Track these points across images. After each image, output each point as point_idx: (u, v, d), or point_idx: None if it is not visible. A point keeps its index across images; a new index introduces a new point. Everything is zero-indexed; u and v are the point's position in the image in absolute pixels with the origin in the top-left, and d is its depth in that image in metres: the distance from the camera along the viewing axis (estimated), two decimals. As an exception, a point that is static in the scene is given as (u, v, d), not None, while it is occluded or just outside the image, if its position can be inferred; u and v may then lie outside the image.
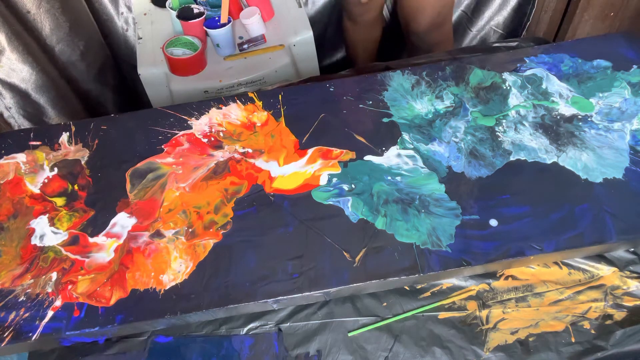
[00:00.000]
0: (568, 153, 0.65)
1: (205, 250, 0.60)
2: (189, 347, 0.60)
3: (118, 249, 0.61)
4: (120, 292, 0.57)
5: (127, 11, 1.23)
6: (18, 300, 0.58)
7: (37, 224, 0.64)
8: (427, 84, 0.75)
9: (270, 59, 1.11)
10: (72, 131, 0.73)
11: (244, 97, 0.75)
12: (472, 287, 0.62)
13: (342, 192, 0.64)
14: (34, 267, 0.60)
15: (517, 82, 0.74)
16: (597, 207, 0.60)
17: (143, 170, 0.68)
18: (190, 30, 1.08)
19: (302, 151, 0.68)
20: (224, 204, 0.64)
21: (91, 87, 1.22)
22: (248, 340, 0.60)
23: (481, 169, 0.65)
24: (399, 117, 0.71)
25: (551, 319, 0.59)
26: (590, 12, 1.15)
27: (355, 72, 0.85)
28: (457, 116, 0.71)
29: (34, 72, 1.02)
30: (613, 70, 0.74)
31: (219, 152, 0.69)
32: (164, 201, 0.65)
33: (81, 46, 1.13)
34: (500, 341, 0.58)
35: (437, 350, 0.58)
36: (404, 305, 0.61)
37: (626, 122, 0.68)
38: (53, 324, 0.56)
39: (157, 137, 0.72)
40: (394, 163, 0.66)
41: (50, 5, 1.03)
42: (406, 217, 0.61)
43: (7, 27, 0.94)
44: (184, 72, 1.08)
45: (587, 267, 0.63)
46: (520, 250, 0.57)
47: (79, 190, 0.67)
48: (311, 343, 0.59)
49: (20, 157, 0.71)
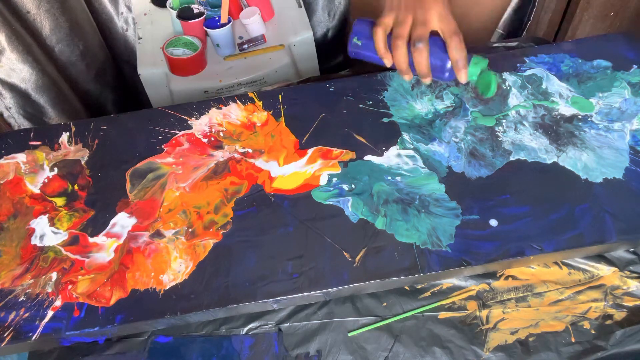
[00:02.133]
0: (568, 153, 0.65)
1: (205, 250, 0.60)
2: (189, 347, 0.60)
3: (118, 249, 0.61)
4: (120, 292, 0.57)
5: (127, 11, 1.23)
6: (18, 300, 0.58)
7: (37, 224, 0.64)
8: (427, 84, 0.75)
9: (270, 59, 1.11)
10: (72, 131, 0.73)
11: (244, 97, 0.75)
12: (472, 287, 0.62)
13: (342, 192, 0.64)
14: (34, 267, 0.60)
15: (517, 82, 0.74)
16: (597, 207, 0.60)
17: (143, 170, 0.68)
18: (190, 30, 1.08)
19: (302, 151, 0.68)
20: (224, 204, 0.64)
21: (91, 87, 1.22)
22: (248, 340, 0.60)
23: (481, 169, 0.65)
24: (399, 117, 0.71)
25: (551, 319, 0.59)
26: (590, 12, 1.15)
27: (355, 72, 0.85)
28: (457, 116, 0.71)
29: (34, 72, 1.02)
30: (613, 70, 0.74)
31: (219, 152, 0.69)
32: (164, 201, 0.65)
33: (81, 46, 1.13)
34: (500, 341, 0.58)
35: (437, 350, 0.58)
36: (404, 305, 0.61)
37: (626, 122, 0.68)
38: (53, 324, 0.56)
39: (157, 137, 0.72)
40: (394, 163, 0.66)
41: (50, 5, 1.03)
42: (406, 217, 0.61)
43: (7, 27, 0.94)
44: (184, 72, 1.08)
45: (587, 267, 0.63)
46: (520, 250, 0.57)
47: (79, 190, 0.67)
48: (311, 343, 0.59)
49: (20, 157, 0.71)
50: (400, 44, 0.60)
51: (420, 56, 0.60)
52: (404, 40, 0.60)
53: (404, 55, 0.61)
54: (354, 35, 0.65)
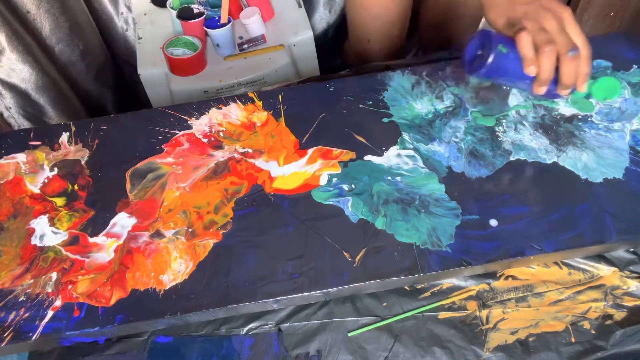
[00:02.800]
0: (568, 153, 0.65)
1: (205, 250, 0.60)
2: (189, 347, 0.60)
3: (118, 249, 0.61)
4: (120, 292, 0.57)
5: (127, 11, 1.23)
6: (18, 300, 0.58)
7: (37, 224, 0.64)
8: (427, 84, 0.75)
9: (270, 59, 1.11)
10: (72, 131, 0.73)
11: (244, 97, 0.75)
12: (472, 287, 0.62)
13: (342, 192, 0.64)
14: (34, 267, 0.60)
15: (517, 82, 0.74)
16: (597, 207, 0.60)
17: (143, 170, 0.68)
18: (190, 30, 1.08)
19: (302, 151, 0.68)
20: (224, 204, 0.64)
21: (91, 87, 1.21)
22: (248, 340, 0.60)
23: (481, 169, 0.65)
24: (399, 117, 0.71)
25: (551, 319, 0.59)
26: (590, 12, 1.15)
27: (355, 72, 0.85)
28: (457, 116, 0.71)
29: (34, 72, 1.02)
30: (613, 70, 0.74)
31: (219, 152, 0.69)
32: (164, 201, 0.65)
33: (81, 46, 1.13)
34: (500, 341, 0.58)
35: (437, 350, 0.58)
36: (404, 305, 0.61)
37: (626, 122, 0.68)
38: (53, 324, 0.56)
39: (157, 137, 0.72)
40: (394, 163, 0.66)
41: (50, 5, 1.02)
42: (406, 217, 0.61)
43: (7, 27, 0.94)
44: (184, 72, 1.08)
45: (587, 267, 0.63)
46: (520, 250, 0.57)
47: (79, 190, 0.67)
48: (311, 343, 0.59)
49: (20, 157, 0.71)
50: (552, 51, 0.55)
51: (572, 65, 0.56)
52: (555, 47, 0.55)
53: (553, 64, 0.56)
54: (498, 43, 0.57)
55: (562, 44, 0.55)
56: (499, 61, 0.58)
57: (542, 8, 0.57)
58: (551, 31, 0.56)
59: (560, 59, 0.56)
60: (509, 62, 0.58)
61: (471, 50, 0.61)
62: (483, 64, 0.58)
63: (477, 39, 0.60)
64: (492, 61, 0.57)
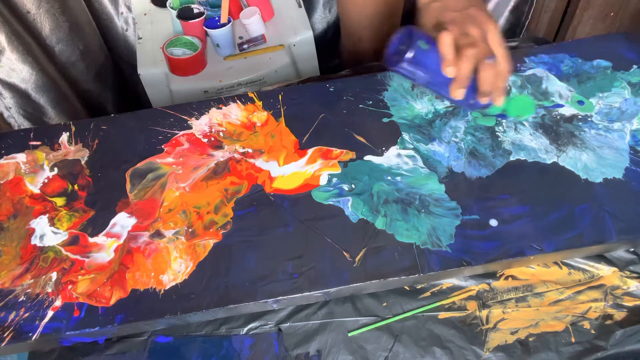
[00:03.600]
0: (568, 153, 0.65)
1: (205, 250, 0.60)
2: (189, 347, 0.60)
3: (118, 249, 0.61)
4: (120, 292, 0.57)
5: (127, 11, 1.23)
6: (18, 300, 0.58)
7: (37, 224, 0.64)
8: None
9: (270, 59, 1.11)
10: (72, 131, 0.73)
11: (244, 97, 0.75)
12: (472, 287, 0.62)
13: (342, 192, 0.64)
14: (34, 267, 0.60)
15: (517, 82, 0.74)
16: (597, 207, 0.60)
17: (143, 170, 0.68)
18: (190, 30, 1.08)
19: (302, 151, 0.68)
20: (224, 204, 0.64)
21: (91, 87, 1.21)
22: (248, 340, 0.60)
23: (481, 169, 0.65)
24: (399, 117, 0.71)
25: (551, 319, 0.59)
26: (590, 12, 1.15)
27: (355, 72, 0.85)
28: (457, 116, 0.71)
29: (34, 72, 1.02)
30: (613, 70, 0.74)
31: (219, 152, 0.69)
32: (164, 201, 0.65)
33: (81, 46, 1.13)
34: (500, 341, 0.58)
35: (437, 350, 0.58)
36: (404, 305, 0.61)
37: (626, 122, 0.68)
38: (53, 324, 0.56)
39: (157, 137, 0.72)
40: (394, 163, 0.66)
41: (50, 5, 1.03)
42: (406, 217, 0.61)
43: (7, 27, 0.94)
44: (184, 72, 1.08)
45: (587, 267, 0.63)
46: (520, 250, 0.57)
47: (79, 190, 0.67)
48: (311, 343, 0.59)
49: (20, 157, 0.71)
50: (471, 55, 0.55)
51: (490, 72, 0.56)
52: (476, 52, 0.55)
53: (471, 67, 0.56)
54: (419, 39, 0.57)
55: (482, 50, 0.56)
56: (419, 57, 0.57)
57: (469, 16, 0.57)
58: (473, 37, 0.56)
59: (479, 65, 0.56)
60: (428, 59, 0.57)
61: (394, 45, 0.60)
62: (403, 58, 0.57)
63: (400, 34, 0.59)
64: (412, 56, 0.56)
